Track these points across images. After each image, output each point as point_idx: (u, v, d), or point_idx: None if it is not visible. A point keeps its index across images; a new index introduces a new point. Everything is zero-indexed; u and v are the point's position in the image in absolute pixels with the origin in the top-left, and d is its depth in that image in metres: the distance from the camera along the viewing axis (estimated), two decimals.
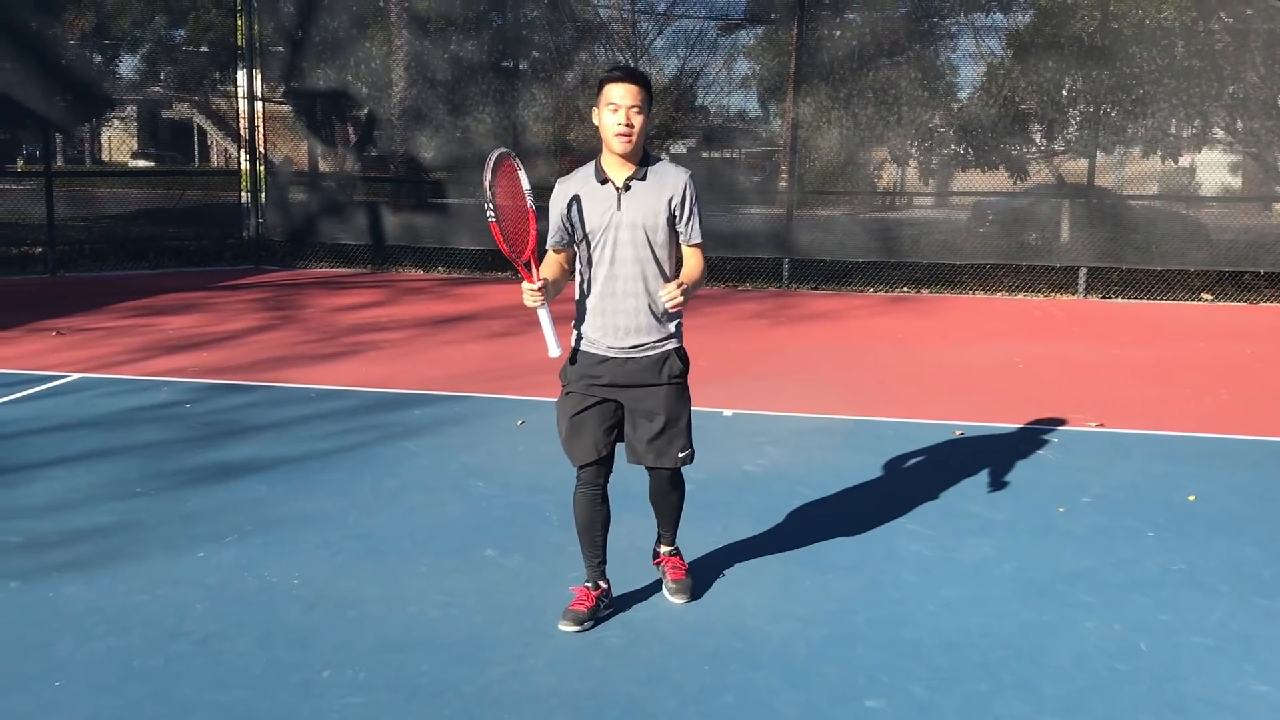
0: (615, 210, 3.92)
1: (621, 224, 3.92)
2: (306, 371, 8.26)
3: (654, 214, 3.92)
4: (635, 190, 3.93)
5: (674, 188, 3.94)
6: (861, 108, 13.77)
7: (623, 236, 3.92)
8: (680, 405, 4.07)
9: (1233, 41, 12.95)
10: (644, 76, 3.91)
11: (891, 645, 4.00)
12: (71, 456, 6.05)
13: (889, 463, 6.25)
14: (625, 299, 3.96)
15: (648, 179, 3.94)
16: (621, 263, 3.94)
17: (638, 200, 3.92)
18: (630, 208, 3.92)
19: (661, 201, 3.93)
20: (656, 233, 3.94)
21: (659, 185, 3.94)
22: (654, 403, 4.02)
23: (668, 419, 4.03)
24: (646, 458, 4.09)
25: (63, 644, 3.91)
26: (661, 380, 4.01)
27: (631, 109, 3.82)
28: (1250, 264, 13.37)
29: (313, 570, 4.60)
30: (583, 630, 4.09)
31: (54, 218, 13.44)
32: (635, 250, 3.93)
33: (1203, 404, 7.88)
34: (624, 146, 3.86)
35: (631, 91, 3.83)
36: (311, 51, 14.74)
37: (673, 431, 4.05)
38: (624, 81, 3.84)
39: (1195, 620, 4.25)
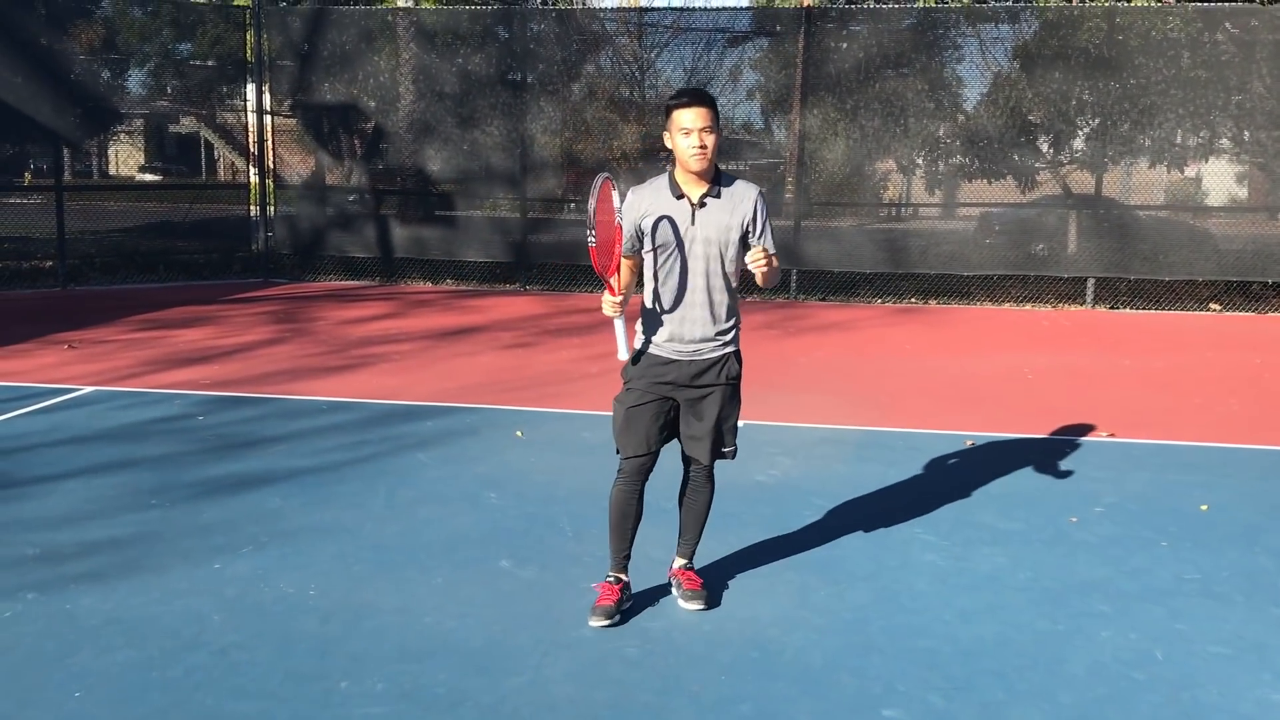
0: (690, 225, 4.11)
1: (695, 238, 4.11)
2: (318, 384, 8.29)
3: (726, 229, 4.11)
4: (710, 206, 4.11)
5: (747, 204, 4.13)
6: (869, 119, 13.80)
7: (695, 250, 4.12)
8: (731, 406, 4.30)
9: (1238, 52, 12.98)
10: (710, 97, 4.10)
11: (908, 654, 4.01)
12: (86, 469, 6.07)
13: (901, 473, 6.26)
14: (691, 308, 4.16)
15: (721, 196, 4.12)
16: (691, 274, 4.14)
17: (712, 216, 4.11)
18: (704, 223, 4.11)
19: (735, 218, 4.11)
20: (727, 248, 4.13)
21: (732, 202, 4.12)
22: (708, 401, 4.23)
23: (719, 417, 4.24)
24: (696, 452, 4.30)
25: (81, 655, 3.93)
26: (720, 381, 4.24)
27: (703, 130, 4.00)
28: (1258, 274, 13.37)
29: (329, 581, 4.61)
30: (613, 624, 4.21)
31: (64, 231, 13.49)
32: (705, 264, 4.13)
33: (1213, 414, 7.88)
34: (700, 165, 4.03)
35: (701, 114, 4.00)
36: (320, 65, 14.80)
37: (722, 429, 4.28)
38: (693, 106, 4.01)
39: (1210, 629, 4.26)
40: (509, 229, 14.66)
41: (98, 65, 15.22)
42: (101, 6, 15.45)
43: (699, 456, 4.31)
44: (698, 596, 4.38)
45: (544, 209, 15.01)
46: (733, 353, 4.28)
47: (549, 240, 14.63)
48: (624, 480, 4.29)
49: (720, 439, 4.30)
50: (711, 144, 4.02)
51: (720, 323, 4.21)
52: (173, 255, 15.06)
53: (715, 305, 4.18)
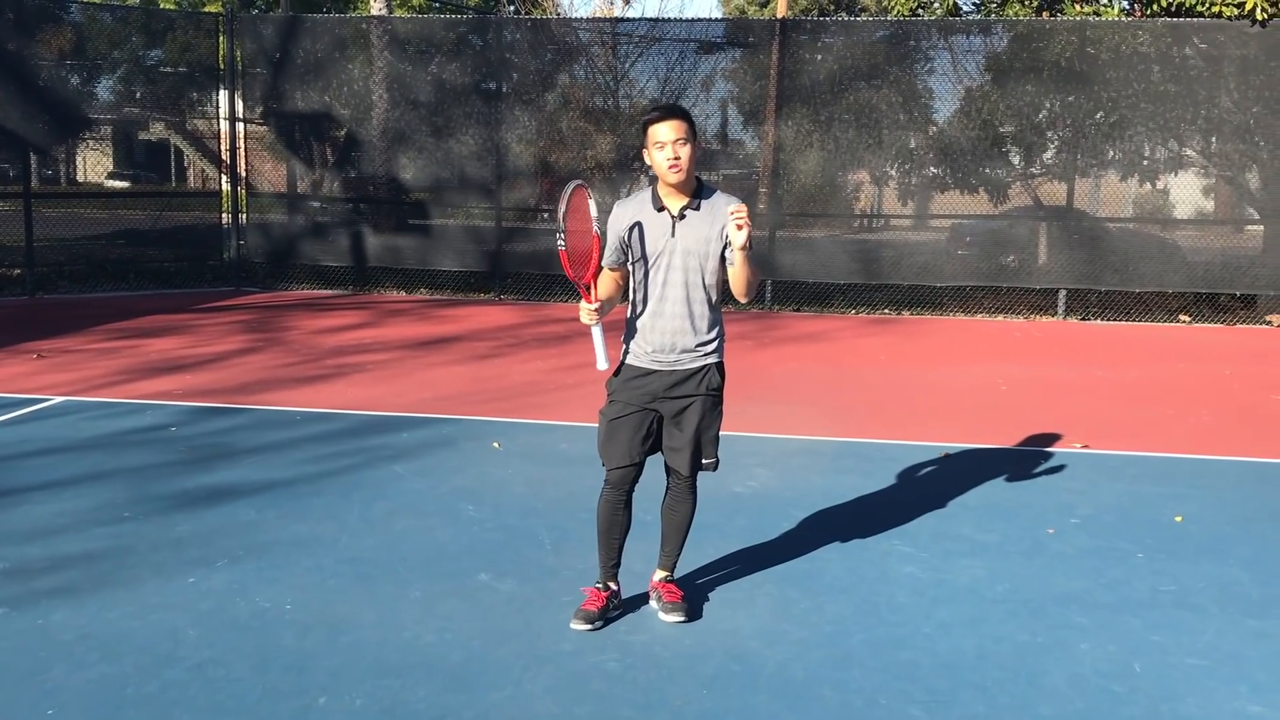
0: (670, 237, 4.15)
1: (675, 250, 4.15)
2: (292, 394, 8.23)
3: (706, 241, 4.14)
4: (690, 219, 4.14)
5: (727, 216, 4.09)
6: (842, 130, 13.87)
7: (675, 262, 4.15)
8: (712, 417, 4.30)
9: (1207, 67, 13.13)
10: (684, 110, 4.14)
11: (889, 668, 4.02)
12: (57, 481, 5.99)
13: (878, 484, 6.27)
14: (672, 320, 4.18)
15: (701, 209, 4.15)
16: (671, 285, 4.17)
17: (692, 229, 4.14)
18: (684, 235, 4.14)
19: (715, 229, 4.13)
20: (707, 260, 4.15)
21: (712, 214, 4.14)
22: (689, 412, 4.24)
23: (699, 428, 4.26)
24: (677, 462, 4.32)
25: (54, 671, 3.87)
26: (700, 392, 4.24)
27: (677, 143, 4.03)
28: (1226, 286, 13.53)
29: (305, 595, 4.57)
30: (593, 629, 4.24)
31: (33, 239, 13.34)
32: (685, 275, 4.16)
33: (1185, 425, 7.95)
34: (677, 177, 4.07)
35: (675, 126, 4.04)
36: (293, 73, 14.73)
37: (702, 440, 4.29)
38: (667, 119, 4.05)
39: (1187, 641, 4.29)
40: (483, 238, 14.62)
41: (66, 71, 15.07)
42: (71, 12, 15.31)
43: (678, 467, 4.33)
44: (678, 609, 4.37)
45: (518, 218, 14.98)
46: (714, 364, 4.28)
47: (524, 249, 14.60)
48: (609, 491, 4.31)
49: (699, 450, 4.31)
50: (687, 156, 4.05)
51: (701, 334, 4.21)
52: (143, 263, 14.92)
53: (696, 317, 4.20)
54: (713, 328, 4.25)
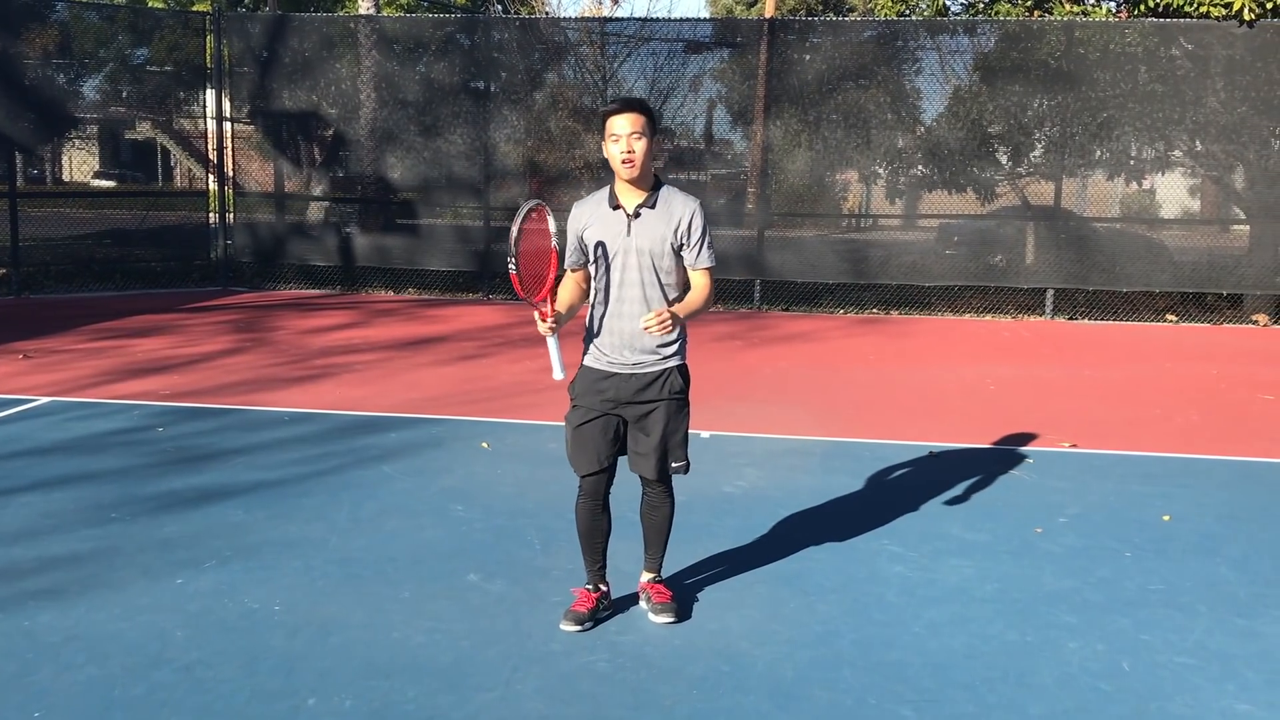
0: (625, 236, 4.07)
1: (630, 249, 4.07)
2: (279, 394, 8.20)
3: (661, 240, 4.06)
4: (645, 217, 4.07)
5: (681, 216, 4.07)
6: (831, 130, 13.88)
7: (631, 261, 4.08)
8: (677, 420, 4.22)
9: (1194, 67, 13.18)
10: (642, 103, 4.05)
11: (878, 667, 4.02)
12: (44, 481, 5.96)
13: (867, 484, 6.28)
14: (631, 320, 4.10)
15: (657, 206, 4.08)
16: (629, 285, 4.10)
17: (647, 226, 4.06)
18: (639, 234, 4.06)
19: (669, 229, 4.06)
20: (663, 259, 4.08)
21: (667, 213, 4.08)
22: (653, 417, 4.17)
23: (665, 432, 4.18)
24: (642, 468, 4.24)
25: (41, 673, 3.85)
26: (662, 396, 4.16)
27: (631, 136, 3.96)
28: (1213, 285, 13.58)
29: (294, 596, 4.55)
30: (583, 630, 4.23)
31: (18, 238, 13.27)
32: (641, 274, 4.08)
33: (1173, 424, 7.98)
34: (630, 173, 4.00)
35: (630, 119, 3.97)
36: (281, 72, 14.68)
37: (668, 444, 4.20)
38: (622, 112, 3.99)
39: (1176, 640, 4.30)
40: (472, 238, 14.60)
41: (52, 70, 14.99)
42: (57, 10, 15.24)
43: (644, 473, 4.25)
44: (667, 609, 4.34)
45: (507, 218, 14.94)
46: (676, 367, 4.19)
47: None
48: (585, 497, 4.30)
49: (665, 454, 4.22)
50: (641, 150, 3.97)
51: (661, 336, 4.08)
52: (130, 263, 14.86)
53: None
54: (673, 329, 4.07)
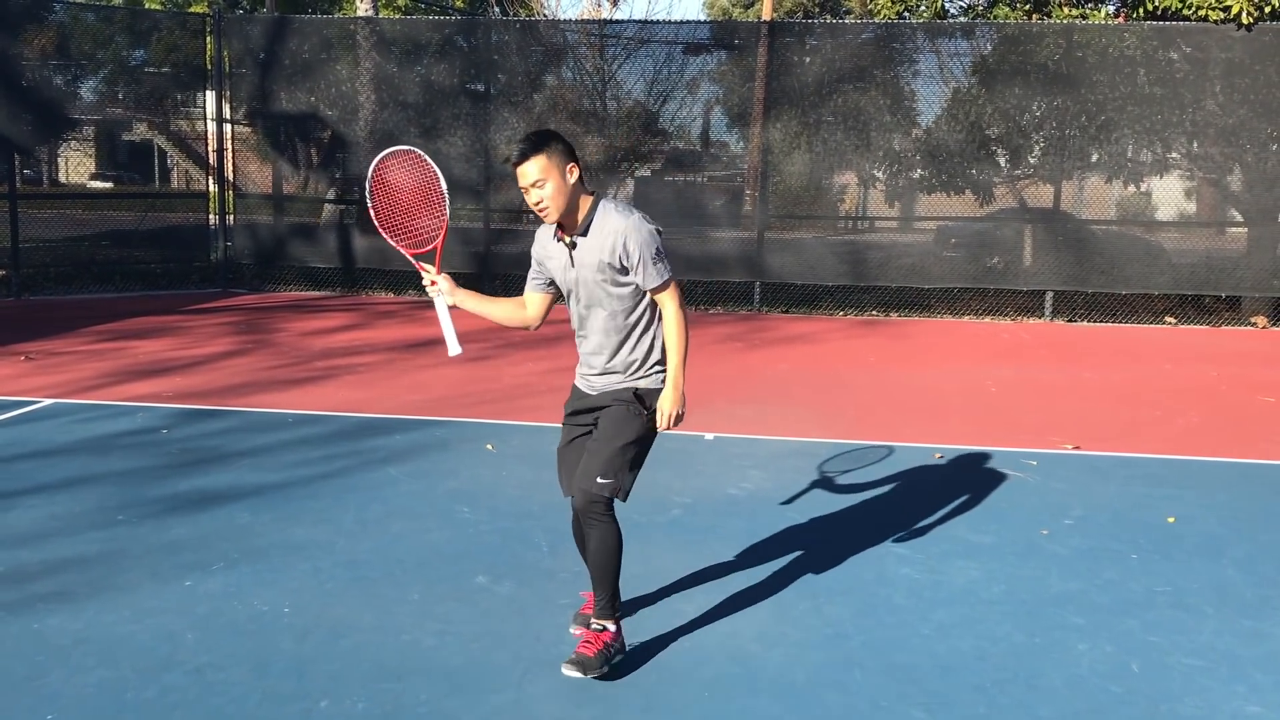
0: (570, 267, 3.94)
1: (576, 280, 3.95)
2: (283, 396, 8.20)
3: (600, 268, 3.87)
4: (581, 246, 3.89)
5: (614, 239, 3.83)
6: (830, 133, 13.90)
7: (582, 292, 3.96)
8: (616, 428, 3.89)
9: (1192, 70, 13.21)
10: (538, 142, 3.80)
11: (888, 670, 4.03)
12: (50, 484, 5.96)
13: (872, 486, 6.29)
14: (593, 345, 4.01)
15: (590, 233, 3.87)
16: (589, 309, 3.98)
17: (584, 255, 3.89)
18: (580, 263, 3.91)
19: (604, 255, 3.85)
20: (610, 285, 3.90)
21: (601, 238, 3.86)
22: (598, 424, 3.97)
23: (598, 440, 3.91)
24: (574, 480, 3.95)
25: (52, 676, 3.85)
26: (608, 403, 3.97)
27: (535, 185, 3.78)
28: (1211, 288, 13.61)
29: (303, 598, 4.55)
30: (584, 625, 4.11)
31: (18, 240, 13.26)
32: (597, 301, 3.95)
33: (1174, 426, 8.00)
34: (549, 219, 3.87)
35: (524, 172, 3.78)
36: (280, 74, 14.67)
37: (598, 451, 3.87)
38: (519, 164, 3.79)
39: (1184, 641, 4.31)
40: (472, 239, 14.60)
41: (51, 71, 14.98)
42: (55, 11, 15.22)
43: (574, 483, 3.93)
44: (572, 662, 3.85)
45: (507, 220, 14.97)
46: (639, 390, 3.95)
47: (512, 251, 14.58)
48: (574, 516, 4.07)
49: (589, 465, 3.86)
50: (550, 194, 3.77)
51: (623, 357, 3.95)
52: (129, 265, 14.84)
53: (615, 339, 3.95)
54: (635, 350, 3.95)
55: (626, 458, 3.88)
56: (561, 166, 3.80)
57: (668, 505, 5.79)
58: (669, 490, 6.05)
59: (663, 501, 5.84)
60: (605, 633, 3.93)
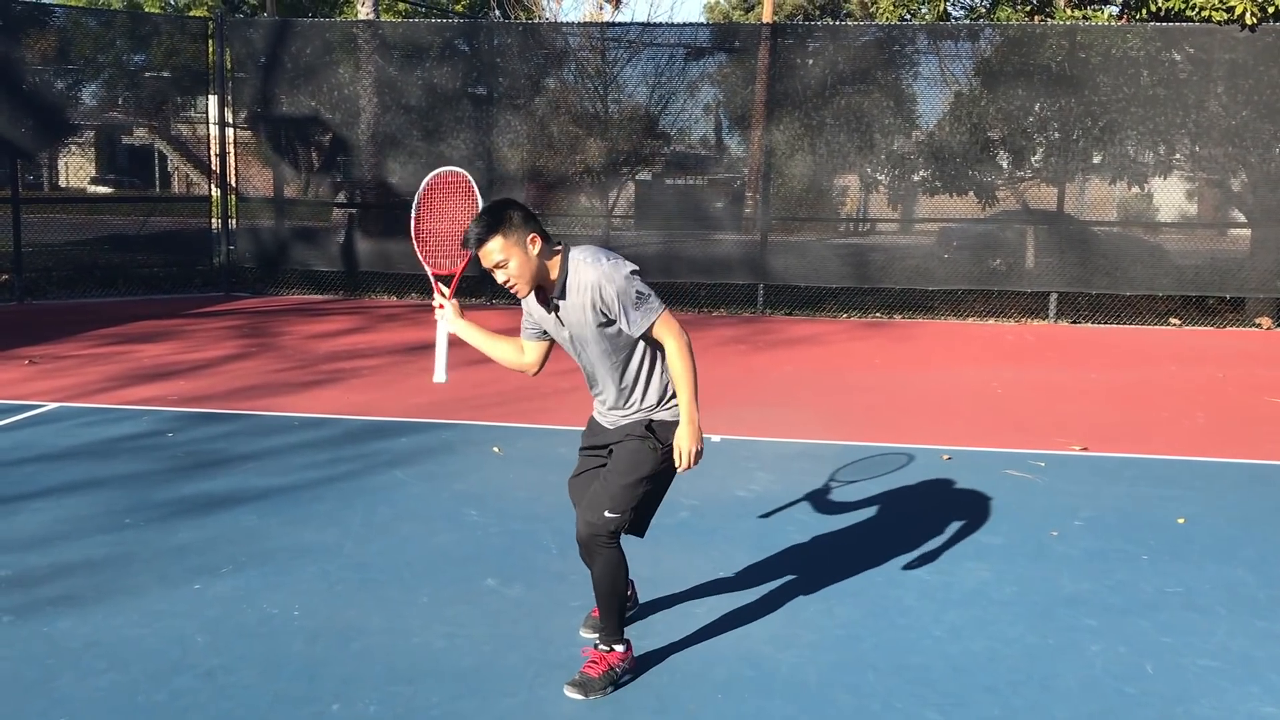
0: (560, 326, 3.88)
1: (570, 337, 3.88)
2: (287, 400, 8.18)
3: (585, 325, 3.79)
4: (563, 308, 3.82)
5: (591, 295, 3.73)
6: (834, 135, 13.89)
7: (578, 346, 3.90)
8: (625, 464, 3.84)
9: (1196, 71, 13.21)
10: (488, 223, 3.66)
11: (901, 671, 4.01)
12: (56, 487, 5.94)
13: (880, 487, 6.27)
14: (604, 389, 3.95)
15: (567, 294, 3.78)
16: (591, 361, 3.91)
17: (569, 315, 3.82)
18: (568, 322, 3.84)
19: (586, 312, 3.77)
20: (601, 339, 3.81)
21: (578, 295, 3.76)
22: (611, 457, 3.92)
23: (609, 473, 3.85)
24: (580, 510, 3.89)
25: (63, 680, 3.83)
26: (621, 438, 3.91)
27: (496, 269, 3.69)
28: (1216, 289, 13.60)
29: (312, 601, 4.54)
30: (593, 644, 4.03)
31: (21, 244, 13.25)
32: (592, 353, 3.87)
33: (1181, 427, 7.98)
34: (522, 295, 3.81)
35: (486, 255, 3.67)
36: (282, 78, 14.67)
37: (608, 485, 3.82)
38: (476, 249, 3.69)
39: (1197, 642, 4.30)
40: None
41: (52, 76, 14.97)
42: (56, 16, 15.22)
43: (580, 512, 3.86)
44: (574, 683, 3.80)
45: None
46: (650, 421, 3.89)
47: None
48: None
49: (597, 497, 3.81)
50: (515, 270, 3.67)
51: (638, 400, 3.90)
52: (132, 269, 14.83)
53: (626, 385, 3.89)
54: (648, 392, 3.89)
55: (636, 493, 3.82)
56: (522, 240, 3.68)
57: (676, 507, 5.76)
58: (676, 492, 5.97)
59: (671, 504, 5.77)
60: (612, 654, 3.87)
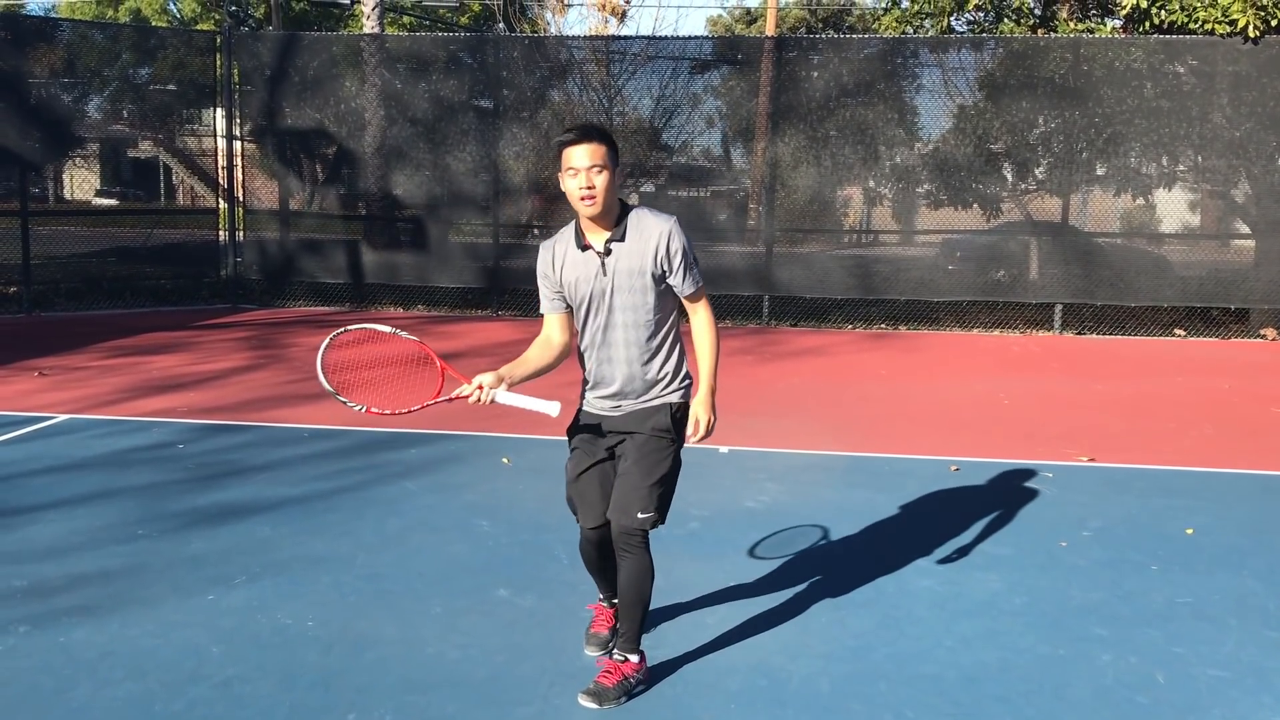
0: (601, 276, 3.75)
1: (609, 289, 3.76)
2: (298, 411, 8.21)
3: (640, 273, 3.73)
4: (617, 252, 3.73)
5: (657, 241, 3.70)
6: (838, 147, 13.94)
7: (613, 302, 3.77)
8: (653, 460, 3.79)
9: (1199, 83, 13.25)
10: (602, 131, 3.69)
11: (913, 681, 4.03)
12: (69, 499, 5.97)
13: (889, 498, 6.29)
14: (620, 365, 3.82)
15: (627, 238, 3.72)
16: (616, 327, 3.80)
17: (621, 262, 3.73)
18: (616, 271, 3.74)
19: (646, 260, 3.71)
20: (646, 293, 3.75)
21: (640, 242, 3.72)
22: (632, 451, 3.82)
23: (637, 471, 3.78)
24: (609, 508, 3.83)
25: (80, 690, 3.86)
26: (644, 430, 3.83)
27: (591, 170, 3.62)
28: (1221, 299, 13.63)
29: (326, 612, 4.56)
30: (606, 654, 4.06)
31: (30, 256, 13.31)
32: (625, 314, 3.78)
33: (1188, 438, 8.00)
34: (591, 209, 3.67)
35: (590, 151, 3.62)
36: (289, 90, 14.74)
37: (637, 483, 3.76)
38: (581, 142, 3.63)
39: (1208, 653, 4.31)
40: (480, 254, 14.64)
41: (59, 89, 15.05)
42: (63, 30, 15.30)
43: (613, 517, 3.80)
44: (590, 693, 3.78)
45: (515, 234, 15.01)
46: (668, 404, 3.84)
47: (521, 265, 14.63)
48: (587, 544, 4.02)
49: (628, 498, 3.75)
50: (603, 184, 3.62)
51: (653, 373, 3.83)
52: (139, 281, 14.88)
53: (645, 356, 3.80)
54: (665, 364, 3.84)
55: (666, 489, 3.82)
56: (615, 163, 3.69)
57: (685, 519, 5.79)
58: (686, 504, 6.03)
59: (680, 515, 5.82)
60: (627, 664, 3.85)
